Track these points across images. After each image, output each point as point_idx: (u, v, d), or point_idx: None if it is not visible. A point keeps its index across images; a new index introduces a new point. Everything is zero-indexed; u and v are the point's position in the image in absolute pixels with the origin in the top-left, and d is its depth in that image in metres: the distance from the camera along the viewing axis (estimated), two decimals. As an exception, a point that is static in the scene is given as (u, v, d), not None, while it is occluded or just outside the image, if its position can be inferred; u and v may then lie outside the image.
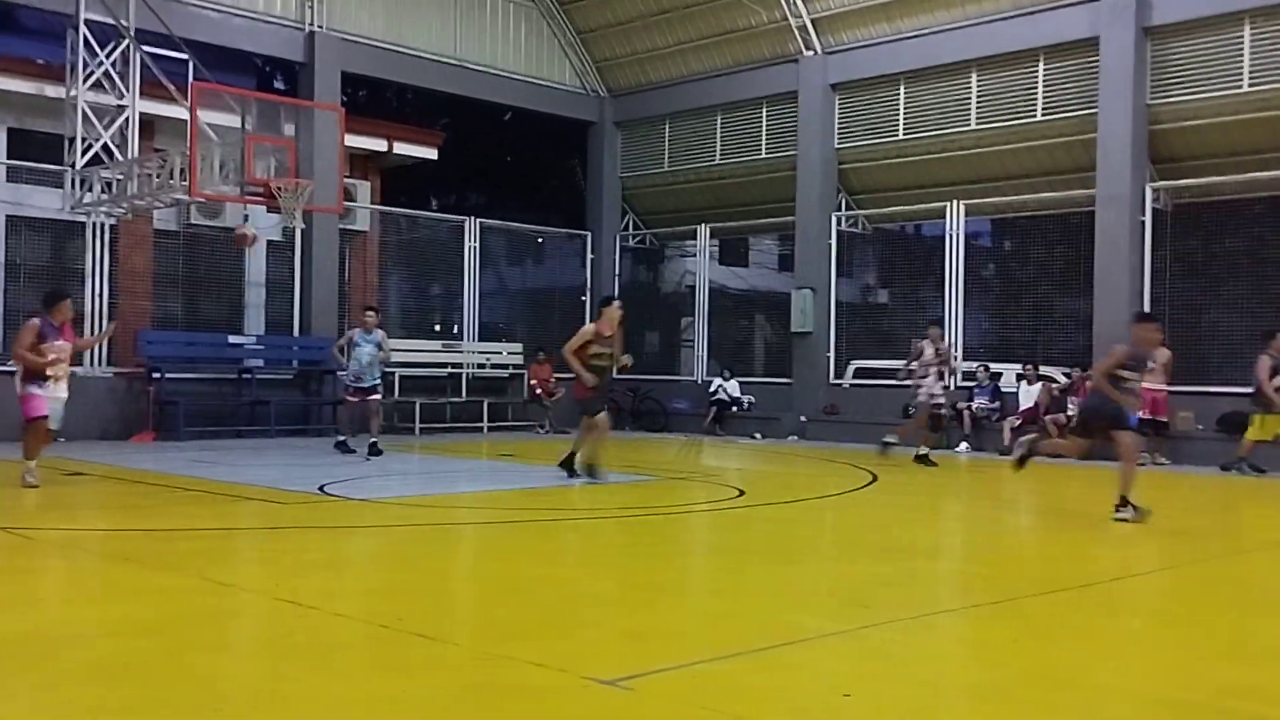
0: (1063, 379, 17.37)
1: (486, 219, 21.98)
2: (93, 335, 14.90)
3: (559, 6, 22.22)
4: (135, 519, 8.99)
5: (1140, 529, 8.88)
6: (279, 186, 14.70)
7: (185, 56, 16.44)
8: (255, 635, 5.37)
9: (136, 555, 7.23)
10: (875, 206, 20.37)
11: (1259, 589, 7.18)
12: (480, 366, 21.01)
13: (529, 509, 10.08)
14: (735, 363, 21.78)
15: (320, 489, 10.61)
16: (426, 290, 22.33)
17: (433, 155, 21.57)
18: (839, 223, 20.21)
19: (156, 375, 16.61)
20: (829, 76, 19.93)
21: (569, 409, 20.33)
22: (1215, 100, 16.35)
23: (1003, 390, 17.61)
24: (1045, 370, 17.59)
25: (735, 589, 6.66)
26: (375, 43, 19.82)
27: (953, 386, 15.51)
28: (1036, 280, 19.42)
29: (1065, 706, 4.30)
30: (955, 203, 18.60)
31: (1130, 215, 16.54)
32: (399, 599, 6.04)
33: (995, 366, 18.03)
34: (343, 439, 14.16)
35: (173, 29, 16.61)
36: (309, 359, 18.68)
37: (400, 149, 20.65)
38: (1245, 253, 17.27)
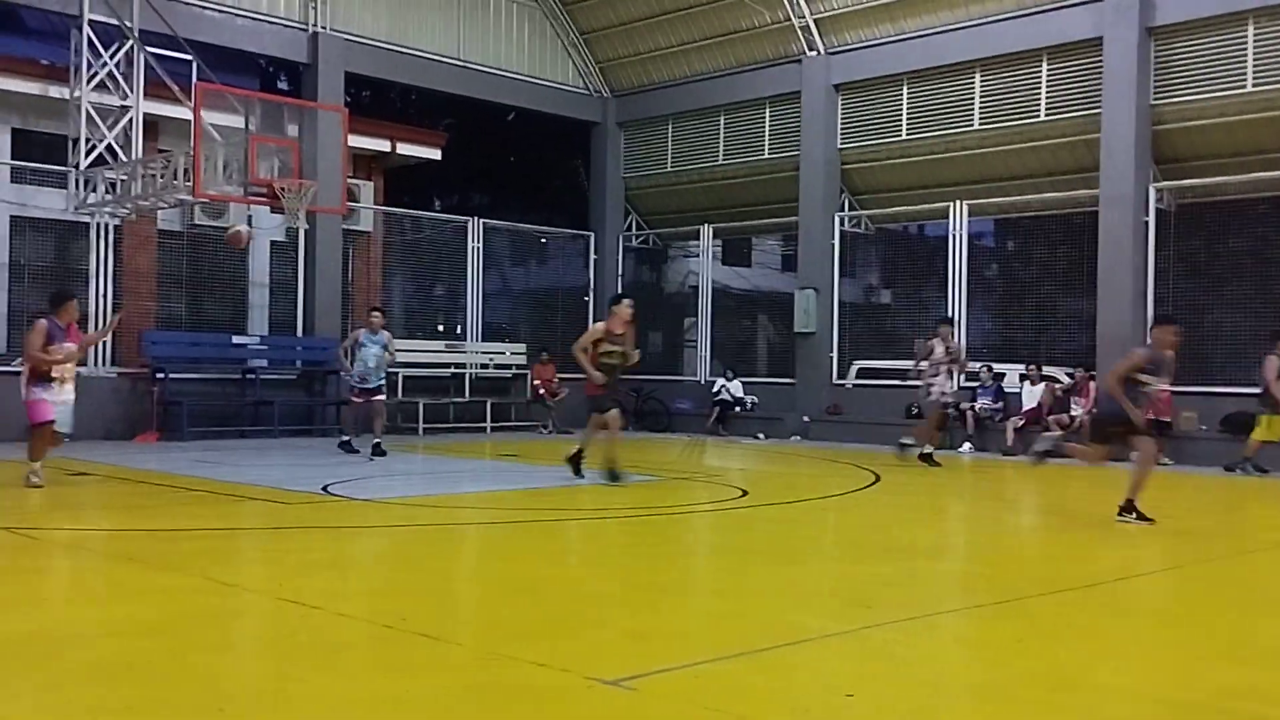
0: (1066, 379, 17.37)
1: (490, 219, 22.02)
2: (97, 331, 14.87)
3: (562, 7, 22.23)
4: (139, 519, 9.01)
5: (1144, 529, 8.87)
6: (282, 187, 14.73)
7: (189, 57, 16.47)
8: (259, 635, 5.38)
9: (140, 555, 7.25)
10: (878, 207, 20.37)
11: (1262, 590, 7.18)
12: (483, 367, 21.02)
13: (532, 509, 10.08)
14: (738, 363, 21.79)
15: (324, 489, 10.63)
16: (430, 291, 22.34)
17: (436, 155, 21.57)
18: (842, 223, 20.21)
19: (160, 375, 16.65)
20: (832, 77, 19.93)
21: (572, 409, 20.39)
22: (1219, 100, 16.35)
23: (1006, 390, 17.61)
24: (1048, 370, 17.60)
25: (738, 589, 6.67)
26: (378, 43, 19.83)
27: (956, 386, 15.41)
28: (1040, 281, 19.41)
29: (1068, 707, 4.31)
30: (958, 203, 18.60)
31: (1134, 215, 16.53)
32: (402, 599, 6.05)
33: (998, 367, 18.03)
34: (347, 439, 14.18)
35: (176, 30, 16.64)
36: (312, 359, 18.72)
37: (403, 149, 20.66)
38: (1249, 253, 17.24)
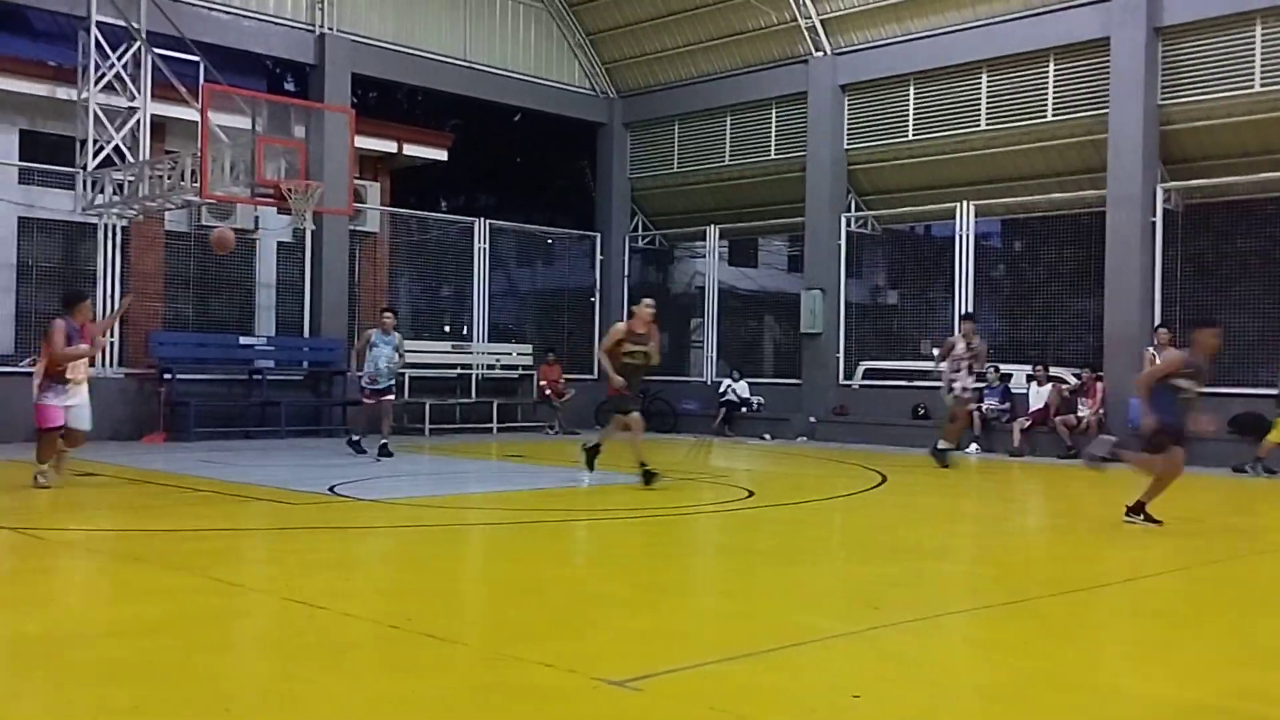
0: (1073, 380, 17.34)
1: (496, 220, 22.05)
2: (107, 317, 14.74)
3: (568, 8, 22.24)
4: (145, 519, 9.02)
5: (1151, 531, 8.83)
6: (289, 188, 14.74)
7: (196, 58, 16.53)
8: (264, 635, 5.38)
9: (146, 555, 7.26)
10: (885, 207, 20.35)
11: (1272, 591, 7.15)
12: (490, 367, 21.04)
13: (539, 510, 10.08)
14: (744, 364, 21.79)
15: (330, 489, 10.63)
16: (436, 291, 22.37)
17: (442, 156, 21.58)
18: (848, 223, 20.19)
19: (167, 376, 16.69)
20: (839, 77, 19.90)
21: (578, 410, 20.46)
22: (1226, 100, 16.30)
23: (1013, 391, 17.57)
24: (1055, 371, 17.56)
25: (744, 590, 6.66)
26: (385, 45, 19.85)
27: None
28: (1047, 281, 19.39)
29: (1075, 708, 4.29)
30: (965, 203, 18.57)
31: (1141, 216, 16.49)
32: (408, 599, 6.04)
33: (1005, 367, 17.99)
34: (356, 438, 14.18)
35: (183, 31, 16.69)
36: (319, 360, 18.74)
37: (410, 150, 20.68)
38: (1257, 253, 17.19)
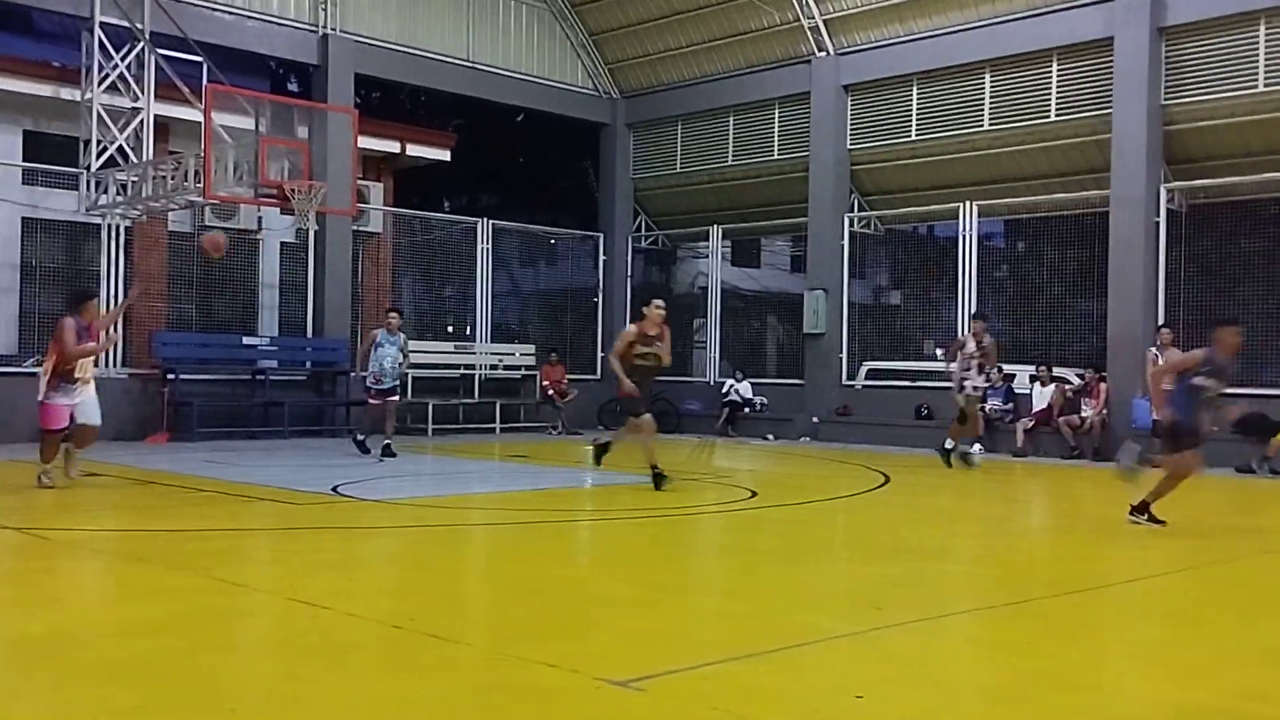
0: (1076, 380, 17.32)
1: (499, 220, 22.04)
2: (113, 309, 14.68)
3: (571, 8, 22.24)
4: (149, 520, 9.03)
5: (1155, 531, 8.81)
6: (292, 188, 14.76)
7: (199, 59, 16.54)
8: (268, 635, 5.38)
9: (150, 555, 7.27)
10: (888, 207, 20.34)
11: (1277, 592, 7.13)
12: (493, 368, 21.04)
13: (542, 510, 10.09)
14: (747, 364, 21.78)
15: (333, 490, 10.64)
16: (439, 291, 22.37)
17: (445, 157, 21.58)
18: (851, 224, 20.18)
19: (171, 376, 16.69)
20: (841, 77, 19.90)
21: (581, 410, 20.46)
22: (1230, 100, 16.28)
23: (1016, 392, 17.56)
24: (1059, 372, 17.53)
25: (747, 590, 6.66)
26: (388, 45, 19.85)
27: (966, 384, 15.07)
28: (1050, 281, 19.35)
29: (1079, 708, 4.29)
30: (968, 204, 18.56)
31: (1145, 216, 16.47)
32: (412, 599, 6.05)
33: (1008, 368, 17.94)
34: (362, 438, 14.19)
35: (187, 32, 16.70)
36: (322, 360, 18.75)
37: (413, 151, 20.68)
38: (1261, 254, 17.14)
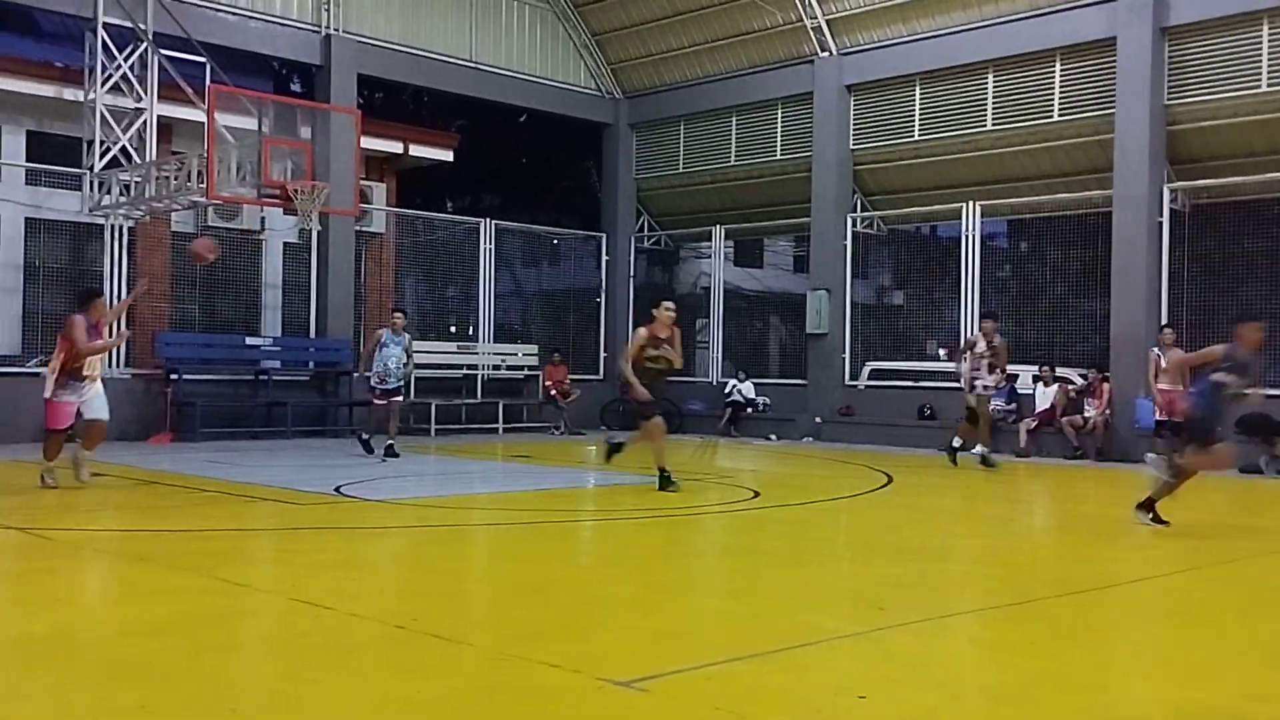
0: (1079, 380, 17.30)
1: (501, 221, 22.05)
2: (119, 304, 14.64)
3: (574, 9, 22.24)
4: (152, 520, 9.03)
5: (1158, 531, 8.80)
6: (295, 189, 14.77)
7: (203, 59, 16.55)
8: (270, 636, 5.39)
9: (152, 556, 7.27)
10: (891, 207, 20.33)
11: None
12: (495, 368, 21.05)
13: (544, 510, 10.09)
14: (750, 364, 21.77)
15: (336, 490, 10.65)
16: (442, 292, 22.38)
17: (448, 157, 21.58)
18: (854, 224, 20.17)
19: (174, 376, 16.70)
20: (844, 77, 19.89)
21: (584, 410, 20.47)
22: (1233, 100, 16.26)
23: (1019, 392, 17.54)
24: (1062, 372, 17.52)
25: (750, 590, 6.66)
26: (391, 45, 19.86)
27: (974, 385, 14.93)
28: (1053, 281, 19.33)
29: (1082, 709, 4.28)
30: (971, 204, 18.54)
31: (1148, 216, 16.46)
32: (414, 599, 6.05)
33: (1011, 368, 17.90)
34: (366, 438, 14.20)
35: (190, 32, 16.72)
36: (325, 360, 18.76)
37: (416, 151, 20.68)
38: (1264, 254, 17.12)
